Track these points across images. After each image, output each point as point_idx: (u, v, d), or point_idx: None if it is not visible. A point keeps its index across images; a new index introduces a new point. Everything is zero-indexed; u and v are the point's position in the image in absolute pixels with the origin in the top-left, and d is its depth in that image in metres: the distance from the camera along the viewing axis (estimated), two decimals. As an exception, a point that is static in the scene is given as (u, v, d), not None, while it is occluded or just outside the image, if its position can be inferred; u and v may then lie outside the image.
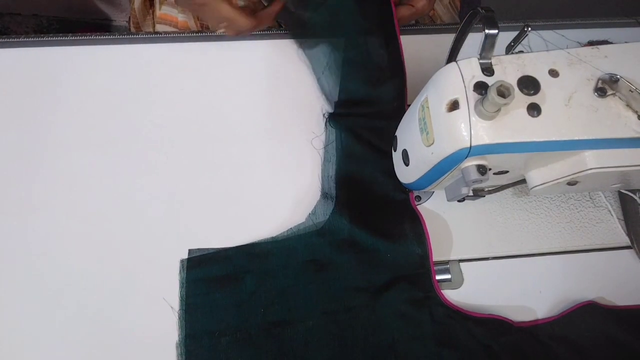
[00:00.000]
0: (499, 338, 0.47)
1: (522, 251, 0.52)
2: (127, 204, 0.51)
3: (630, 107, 0.36)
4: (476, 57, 0.37)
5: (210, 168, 0.53)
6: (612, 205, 0.54)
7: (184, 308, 0.47)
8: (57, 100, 0.55)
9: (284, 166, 0.54)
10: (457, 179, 0.41)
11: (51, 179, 0.51)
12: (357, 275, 0.48)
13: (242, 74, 0.58)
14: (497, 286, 0.50)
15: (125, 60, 0.57)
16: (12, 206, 0.50)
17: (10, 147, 0.53)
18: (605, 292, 0.50)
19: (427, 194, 0.54)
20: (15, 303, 0.47)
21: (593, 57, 0.37)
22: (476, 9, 0.37)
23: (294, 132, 0.55)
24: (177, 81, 0.57)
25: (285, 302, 0.47)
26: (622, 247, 0.53)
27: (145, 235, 0.50)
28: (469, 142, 0.35)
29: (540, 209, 0.53)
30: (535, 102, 0.36)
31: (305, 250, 0.49)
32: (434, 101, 0.38)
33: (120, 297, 0.47)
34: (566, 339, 0.47)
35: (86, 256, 0.49)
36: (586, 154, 0.37)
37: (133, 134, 0.54)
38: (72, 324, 0.46)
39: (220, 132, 0.55)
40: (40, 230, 0.49)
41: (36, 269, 0.48)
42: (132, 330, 0.46)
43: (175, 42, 0.59)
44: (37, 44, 0.57)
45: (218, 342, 0.45)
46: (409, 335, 0.47)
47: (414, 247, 0.50)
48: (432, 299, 0.48)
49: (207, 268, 0.48)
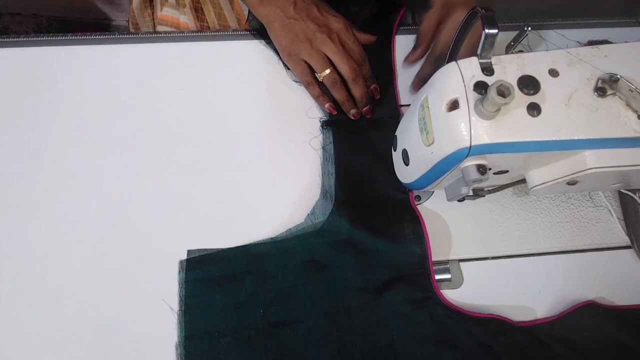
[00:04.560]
0: (498, 338, 0.47)
1: (522, 251, 0.52)
2: (126, 204, 0.51)
3: (630, 106, 0.36)
4: (476, 56, 0.37)
5: (210, 168, 0.53)
6: (612, 205, 0.54)
7: (183, 309, 0.47)
8: (57, 100, 0.55)
9: (283, 167, 0.54)
10: (457, 179, 0.41)
11: (51, 179, 0.51)
12: (356, 276, 0.48)
13: (241, 74, 0.58)
14: (497, 286, 0.50)
15: (125, 60, 0.57)
16: (12, 206, 0.50)
17: (10, 146, 0.53)
18: (605, 292, 0.50)
19: (427, 193, 0.54)
20: (15, 303, 0.47)
21: (593, 56, 0.37)
22: (476, 8, 0.37)
23: (293, 133, 0.55)
24: (177, 81, 0.57)
25: (284, 303, 0.47)
26: (622, 247, 0.53)
27: (145, 236, 0.50)
28: (468, 141, 0.35)
29: (540, 209, 0.53)
30: (535, 101, 0.36)
31: (304, 250, 0.49)
32: (434, 101, 0.38)
33: (119, 298, 0.47)
34: (566, 339, 0.47)
35: (85, 257, 0.49)
36: (586, 153, 0.37)
37: (133, 134, 0.54)
38: (72, 324, 0.46)
39: (219, 132, 0.55)
40: (39, 230, 0.49)
41: (35, 269, 0.48)
42: (131, 331, 0.46)
43: (175, 42, 0.59)
44: (37, 43, 0.57)
45: (217, 343, 0.45)
46: (408, 335, 0.47)
47: (413, 247, 0.49)
48: (431, 299, 0.48)
49: (207, 269, 0.48)
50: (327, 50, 0.52)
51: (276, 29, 0.53)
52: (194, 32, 0.60)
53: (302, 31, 0.52)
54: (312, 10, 0.52)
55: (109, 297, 0.47)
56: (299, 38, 0.52)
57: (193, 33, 0.60)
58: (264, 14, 0.54)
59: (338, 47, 0.52)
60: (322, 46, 0.52)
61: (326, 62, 0.52)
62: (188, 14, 0.69)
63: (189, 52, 0.58)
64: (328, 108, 0.54)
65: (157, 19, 0.71)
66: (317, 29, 0.51)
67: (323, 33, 0.51)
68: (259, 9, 0.54)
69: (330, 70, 0.52)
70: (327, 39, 0.51)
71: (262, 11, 0.54)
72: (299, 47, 0.52)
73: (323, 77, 0.53)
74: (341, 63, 0.52)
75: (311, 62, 0.52)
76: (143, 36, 0.59)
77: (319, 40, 0.51)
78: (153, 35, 0.60)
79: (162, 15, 0.70)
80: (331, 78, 0.53)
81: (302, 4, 0.52)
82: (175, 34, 0.60)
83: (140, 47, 0.58)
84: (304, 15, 0.52)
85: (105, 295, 0.47)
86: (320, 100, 0.54)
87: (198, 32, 0.61)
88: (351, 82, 0.53)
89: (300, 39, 0.52)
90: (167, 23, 0.70)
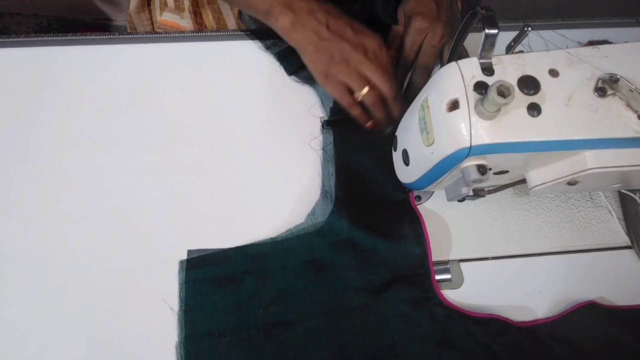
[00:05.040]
0: (498, 338, 0.47)
1: (522, 251, 0.52)
2: (126, 204, 0.51)
3: (630, 107, 0.36)
4: (476, 56, 0.37)
5: (210, 168, 0.53)
6: (612, 205, 0.54)
7: (183, 309, 0.47)
8: (57, 100, 0.55)
9: (283, 167, 0.54)
10: (457, 179, 0.41)
11: (51, 179, 0.51)
12: (356, 276, 0.48)
13: (241, 74, 0.58)
14: (497, 286, 0.50)
15: (126, 60, 0.57)
16: (11, 206, 0.50)
17: (10, 146, 0.53)
18: (605, 292, 0.50)
19: (427, 194, 0.54)
20: (15, 303, 0.47)
21: (593, 57, 0.37)
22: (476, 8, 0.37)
23: (293, 133, 0.55)
24: (177, 81, 0.57)
25: (284, 303, 0.47)
26: (622, 247, 0.53)
27: (145, 236, 0.50)
28: (469, 141, 0.35)
29: (540, 209, 0.53)
30: (535, 102, 0.36)
31: (304, 250, 0.49)
32: (434, 101, 0.38)
33: (119, 298, 0.47)
34: (566, 339, 0.47)
35: (85, 257, 0.49)
36: (586, 153, 0.37)
37: (133, 134, 0.54)
38: (72, 324, 0.46)
39: (219, 132, 0.55)
40: (38, 231, 0.49)
41: (36, 269, 0.48)
42: (131, 331, 0.46)
43: (175, 42, 0.59)
44: (37, 43, 0.57)
45: (218, 343, 0.45)
46: (408, 335, 0.47)
47: (413, 247, 0.50)
48: (431, 299, 0.48)
49: (207, 269, 0.48)
50: (365, 69, 0.50)
51: (310, 53, 0.51)
52: (193, 32, 0.60)
53: (338, 52, 0.50)
54: (346, 30, 0.51)
55: (109, 298, 0.47)
56: (335, 60, 0.50)
57: (193, 33, 0.60)
58: (296, 38, 0.52)
59: (376, 66, 0.50)
60: (359, 66, 0.50)
61: (364, 81, 0.51)
62: (187, 18, 0.69)
63: (189, 52, 0.59)
64: (370, 126, 0.52)
65: (157, 24, 0.71)
66: (352, 49, 0.50)
67: (359, 53, 0.50)
68: (291, 34, 0.52)
69: (368, 88, 0.51)
70: (364, 59, 0.50)
71: (295, 36, 0.51)
72: (335, 68, 0.50)
73: (362, 95, 0.51)
74: (381, 81, 0.50)
75: (349, 82, 0.51)
76: (143, 36, 0.59)
77: (356, 60, 0.50)
78: (153, 36, 0.60)
79: (162, 20, 0.70)
80: (372, 97, 0.51)
81: (335, 25, 0.51)
82: (175, 34, 0.60)
83: (140, 47, 0.58)
84: (338, 36, 0.50)
85: (106, 296, 0.47)
86: (362, 119, 0.52)
87: (198, 32, 0.61)
88: (391, 101, 0.51)
89: (336, 61, 0.50)
90: (166, 28, 0.70)
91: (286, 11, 0.51)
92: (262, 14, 0.53)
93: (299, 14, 0.51)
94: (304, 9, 0.51)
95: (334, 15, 0.51)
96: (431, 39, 0.53)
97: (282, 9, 0.51)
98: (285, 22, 0.51)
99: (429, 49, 0.53)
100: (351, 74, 0.50)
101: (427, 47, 0.53)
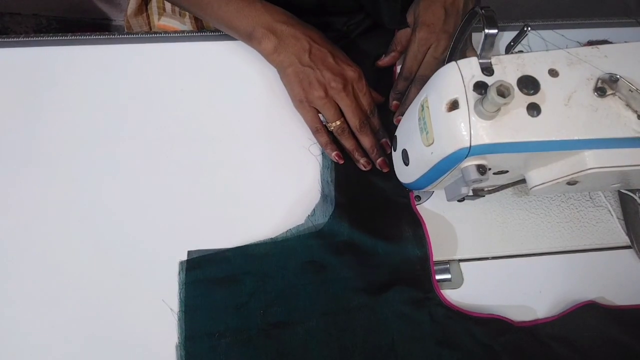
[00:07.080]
0: (499, 338, 0.47)
1: (522, 251, 0.52)
2: (126, 205, 0.51)
3: (630, 107, 0.36)
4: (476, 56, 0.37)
5: (210, 169, 0.53)
6: (612, 205, 0.54)
7: (183, 309, 0.47)
8: (56, 100, 0.55)
9: (283, 167, 0.54)
10: (457, 179, 0.41)
11: (50, 179, 0.51)
12: (356, 276, 0.48)
13: (242, 75, 0.58)
14: (497, 286, 0.50)
15: (125, 60, 0.57)
16: (12, 206, 0.50)
17: (10, 146, 0.53)
18: (605, 292, 0.50)
19: (427, 193, 0.54)
20: (15, 303, 0.47)
21: (593, 56, 0.37)
22: (475, 8, 0.37)
23: (294, 133, 0.55)
24: (177, 81, 0.57)
25: (284, 303, 0.47)
26: (622, 247, 0.53)
27: (144, 236, 0.50)
28: (468, 142, 0.35)
29: (540, 209, 0.53)
30: (535, 101, 0.36)
31: (304, 251, 0.49)
32: (433, 101, 0.38)
33: (119, 299, 0.47)
34: (566, 339, 0.47)
35: (84, 257, 0.49)
36: (586, 153, 0.37)
37: (133, 134, 0.54)
38: (72, 325, 0.46)
39: (219, 132, 0.55)
40: (38, 231, 0.49)
41: (36, 269, 0.48)
42: (131, 332, 0.46)
43: (175, 42, 0.59)
44: (37, 43, 0.57)
45: (218, 344, 0.45)
46: (408, 335, 0.47)
47: (414, 249, 0.49)
48: (431, 299, 0.48)
49: (206, 269, 0.48)
50: (340, 101, 0.51)
51: (289, 75, 0.52)
52: (193, 32, 0.60)
53: (317, 80, 0.50)
54: (328, 58, 0.51)
55: (109, 298, 0.47)
56: (313, 86, 0.50)
57: (193, 33, 0.60)
58: (277, 60, 0.52)
59: (351, 100, 0.51)
60: (335, 96, 0.51)
61: (338, 113, 0.51)
62: (189, 24, 0.69)
63: (189, 52, 0.58)
64: (334, 157, 0.52)
65: (155, 28, 0.71)
66: (332, 78, 0.50)
67: (339, 83, 0.50)
68: (272, 57, 0.52)
69: (340, 121, 0.52)
70: (342, 91, 0.50)
71: (276, 58, 0.52)
72: (312, 95, 0.51)
73: (333, 127, 0.52)
74: (352, 116, 0.51)
75: (323, 111, 0.51)
76: (143, 36, 0.59)
77: (334, 90, 0.50)
78: (153, 36, 0.60)
79: (160, 24, 0.70)
80: (340, 127, 0.52)
81: (318, 52, 0.51)
82: (175, 34, 0.60)
83: (140, 47, 0.58)
84: (320, 64, 0.50)
85: (105, 297, 0.47)
86: (328, 148, 0.53)
87: (198, 32, 0.61)
88: (358, 133, 0.52)
89: (314, 88, 0.50)
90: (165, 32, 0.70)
91: (269, 35, 0.51)
92: (244, 37, 0.54)
93: (282, 38, 0.51)
94: (288, 34, 0.51)
95: (317, 42, 0.52)
96: (435, 50, 0.53)
97: (265, 32, 0.51)
98: (268, 46, 0.51)
99: (431, 60, 0.53)
100: (326, 105, 0.51)
101: (430, 58, 0.53)
